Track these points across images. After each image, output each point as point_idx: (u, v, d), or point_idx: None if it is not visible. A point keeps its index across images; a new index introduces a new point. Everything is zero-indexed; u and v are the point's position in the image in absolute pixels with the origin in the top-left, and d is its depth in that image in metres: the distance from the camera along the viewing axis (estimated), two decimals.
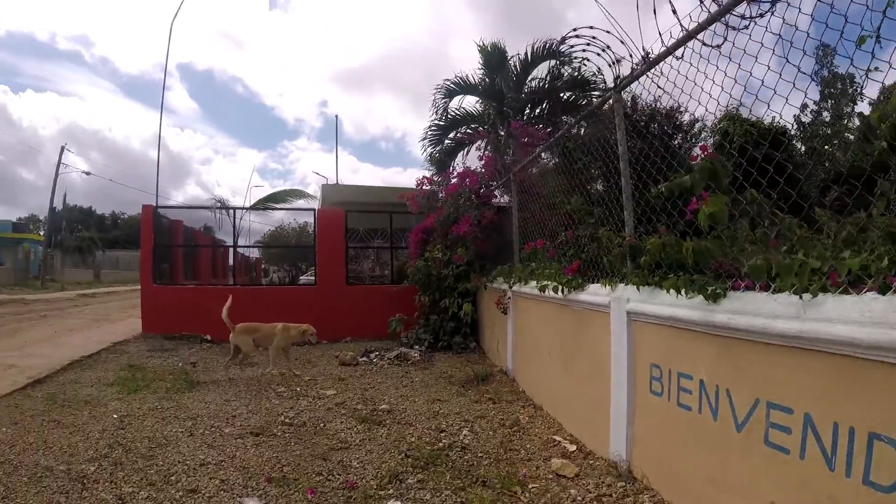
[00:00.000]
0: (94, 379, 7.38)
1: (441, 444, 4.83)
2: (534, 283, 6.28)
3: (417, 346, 9.90)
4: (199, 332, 11.11)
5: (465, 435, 5.11)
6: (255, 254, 27.20)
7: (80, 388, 6.87)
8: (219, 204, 12.99)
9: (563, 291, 5.20)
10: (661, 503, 3.60)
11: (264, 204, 14.59)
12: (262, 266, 31.99)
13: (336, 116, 48.43)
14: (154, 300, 11.53)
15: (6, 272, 34.42)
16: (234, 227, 12.16)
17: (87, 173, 38.88)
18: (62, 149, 36.59)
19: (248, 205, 13.96)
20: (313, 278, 12.58)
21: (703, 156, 3.52)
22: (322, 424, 5.47)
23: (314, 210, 12.25)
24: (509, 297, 7.55)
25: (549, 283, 5.52)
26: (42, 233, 42.60)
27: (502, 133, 12.85)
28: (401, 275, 12.13)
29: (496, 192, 9.79)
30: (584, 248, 5.33)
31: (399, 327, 10.45)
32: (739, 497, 2.92)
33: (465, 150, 13.92)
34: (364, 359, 9.08)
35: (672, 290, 3.44)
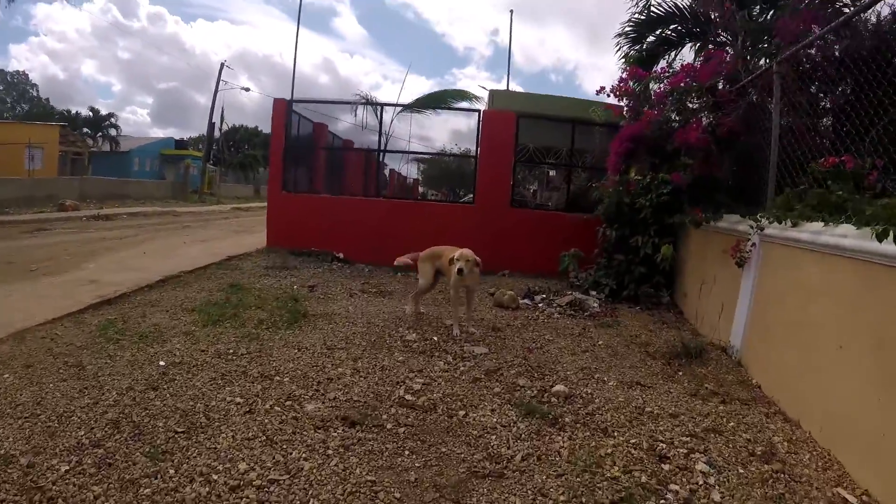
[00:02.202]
0: (177, 301, 6.00)
1: (668, 493, 2.71)
2: (818, 225, 3.81)
3: (595, 293, 7.67)
4: (332, 248, 9.60)
5: (701, 471, 2.94)
6: (412, 175, 25.95)
7: (152, 313, 5.47)
8: (364, 99, 11.13)
9: None
10: None
11: (421, 102, 12.58)
12: (420, 190, 30.92)
13: (511, 12, 43.12)
14: (282, 209, 10.17)
15: (165, 186, 35.74)
16: (380, 125, 10.33)
17: (246, 89, 39.93)
18: (221, 65, 37.25)
19: (401, 110, 11.99)
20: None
21: None
22: (462, 412, 3.50)
23: (479, 111, 10.06)
24: (753, 244, 5.06)
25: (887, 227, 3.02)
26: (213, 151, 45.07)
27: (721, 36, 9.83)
28: (575, 202, 9.87)
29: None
30: None
31: (573, 265, 8.25)
32: None
33: (674, 51, 10.91)
34: (526, 301, 7.05)
35: None
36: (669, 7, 10.95)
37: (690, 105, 6.93)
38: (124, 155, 43.84)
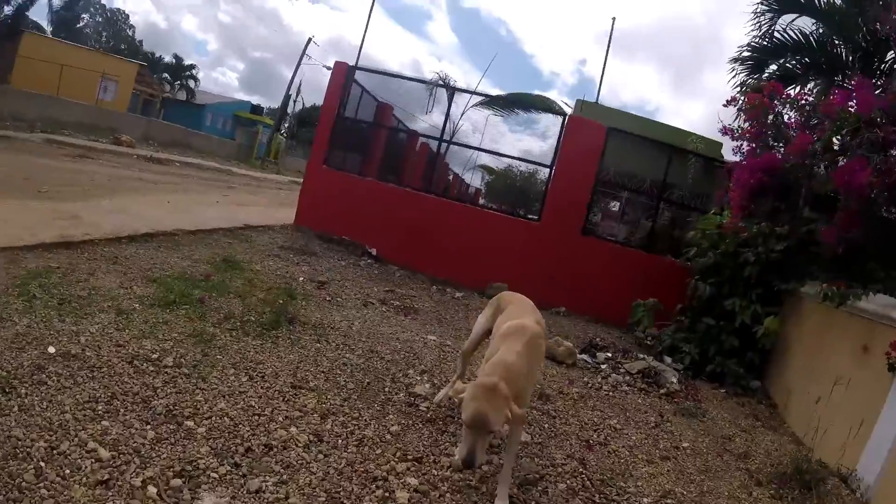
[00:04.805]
0: (147, 264, 4.77)
1: None
2: None
3: (671, 360, 6.13)
4: (366, 241, 8.26)
5: None
6: (476, 185, 24.50)
7: (105, 272, 4.25)
8: (440, 81, 9.68)
9: None
10: None
11: (500, 99, 11.10)
12: (480, 202, 29.46)
13: (613, 19, 39.55)
14: (319, 186, 8.92)
15: (231, 146, 35.57)
16: (447, 110, 8.86)
17: (328, 68, 38.94)
18: (308, 40, 36.90)
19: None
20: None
21: None
22: None
23: (565, 115, 8.54)
24: None
25: None
26: (286, 123, 44.74)
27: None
28: (655, 241, 8.46)
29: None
30: None
31: (647, 319, 6.71)
32: None
33: (797, 87, 9.28)
34: (585, 358, 5.52)
35: None
36: (796, 35, 9.44)
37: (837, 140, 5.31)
38: (199, 108, 43.78)
